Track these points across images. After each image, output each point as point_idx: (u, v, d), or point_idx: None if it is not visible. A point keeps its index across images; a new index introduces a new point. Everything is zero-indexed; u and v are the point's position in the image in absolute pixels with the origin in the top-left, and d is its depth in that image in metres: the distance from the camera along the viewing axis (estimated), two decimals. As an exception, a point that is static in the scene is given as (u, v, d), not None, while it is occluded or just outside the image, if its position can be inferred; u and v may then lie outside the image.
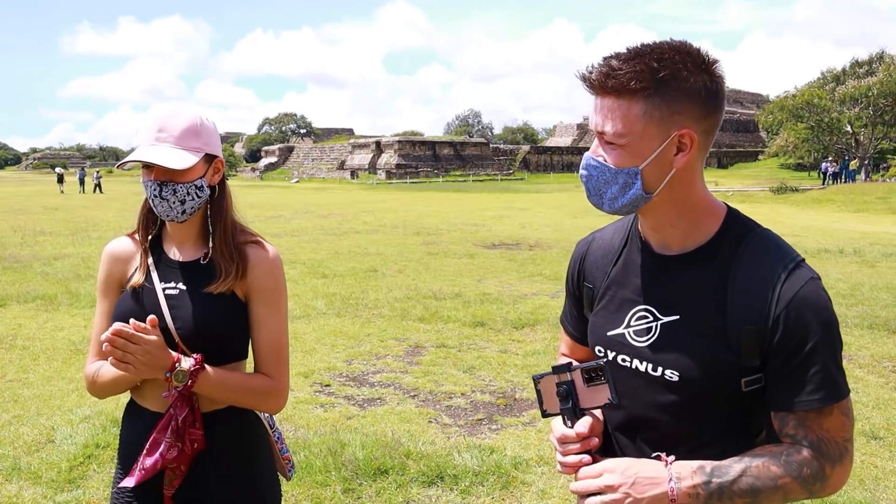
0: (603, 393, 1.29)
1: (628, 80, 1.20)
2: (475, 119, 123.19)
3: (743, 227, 1.33)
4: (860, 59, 49.26)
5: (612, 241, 1.50)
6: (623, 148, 1.26)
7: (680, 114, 1.23)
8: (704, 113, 1.25)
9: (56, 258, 12.39)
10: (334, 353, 6.52)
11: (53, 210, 25.26)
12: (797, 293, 1.23)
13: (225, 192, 1.78)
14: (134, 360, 1.55)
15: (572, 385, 1.31)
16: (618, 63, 1.22)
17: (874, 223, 21.37)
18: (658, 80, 1.20)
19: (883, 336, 7.07)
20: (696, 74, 1.22)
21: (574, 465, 1.31)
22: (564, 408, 1.32)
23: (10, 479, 3.90)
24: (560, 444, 1.33)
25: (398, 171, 62.54)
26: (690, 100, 1.23)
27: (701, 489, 1.23)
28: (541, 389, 1.37)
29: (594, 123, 1.28)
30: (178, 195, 1.66)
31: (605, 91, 1.24)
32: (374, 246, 14.52)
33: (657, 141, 1.25)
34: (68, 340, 6.86)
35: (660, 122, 1.23)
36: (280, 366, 1.74)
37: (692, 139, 1.25)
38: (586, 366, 1.31)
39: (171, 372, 1.59)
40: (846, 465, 1.27)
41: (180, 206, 1.67)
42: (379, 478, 3.88)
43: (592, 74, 1.25)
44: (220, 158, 1.76)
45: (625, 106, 1.23)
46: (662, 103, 1.22)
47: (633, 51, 1.24)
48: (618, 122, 1.24)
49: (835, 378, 1.24)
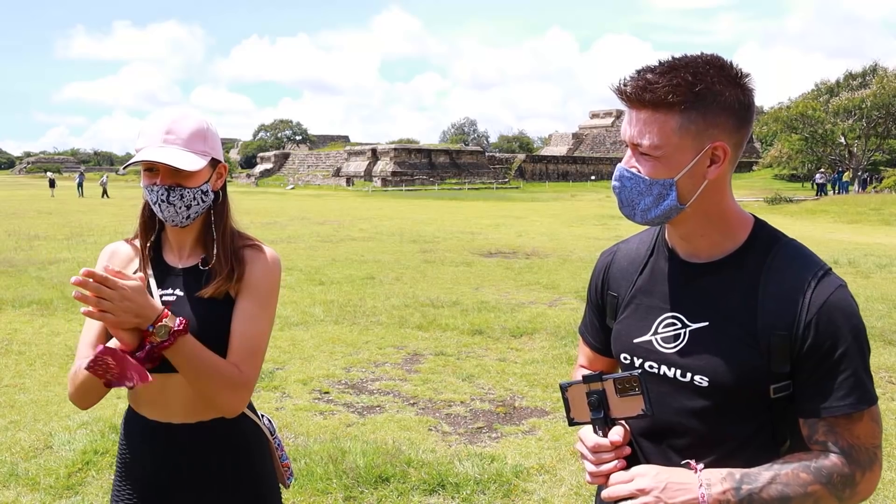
0: (637, 404, 1.29)
1: (665, 93, 1.22)
2: (471, 127, 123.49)
3: (771, 237, 1.35)
4: (854, 72, 49.67)
5: (637, 250, 1.51)
6: (658, 160, 1.27)
7: (715, 127, 1.25)
8: (737, 126, 1.27)
9: (51, 263, 12.34)
10: (333, 361, 6.51)
11: (48, 214, 25.16)
12: (827, 300, 1.26)
13: (226, 197, 1.78)
14: (113, 307, 1.42)
15: (604, 395, 1.31)
16: (653, 76, 1.23)
17: (868, 234, 21.49)
18: (694, 94, 1.22)
19: (879, 347, 7.10)
20: (729, 88, 1.24)
21: (608, 473, 1.31)
22: (596, 417, 1.32)
23: (8, 486, 3.87)
24: (593, 454, 1.33)
25: (394, 179, 62.54)
26: (725, 113, 1.25)
27: (731, 495, 1.24)
28: (568, 398, 1.36)
29: (628, 136, 1.29)
30: (184, 200, 1.64)
31: (641, 104, 1.25)
32: (370, 253, 14.51)
33: (692, 153, 1.26)
34: (65, 345, 6.83)
35: (695, 136, 1.25)
36: (251, 360, 1.65)
37: (725, 152, 1.27)
38: (620, 376, 1.31)
39: (153, 326, 1.48)
40: (876, 471, 1.28)
41: (186, 212, 1.66)
42: (380, 485, 3.87)
43: (628, 87, 1.26)
44: (223, 164, 1.76)
45: (661, 119, 1.24)
46: (698, 117, 1.24)
47: (667, 64, 1.25)
48: (654, 135, 1.25)
49: (865, 384, 1.26)
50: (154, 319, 1.49)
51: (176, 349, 1.52)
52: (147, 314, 1.48)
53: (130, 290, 1.45)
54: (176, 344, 1.51)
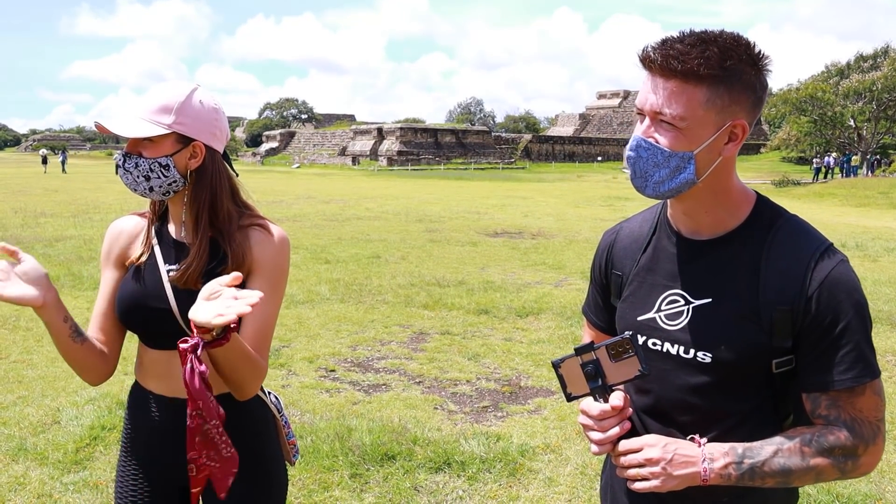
0: (633, 366, 1.30)
1: (697, 65, 1.20)
2: (477, 107, 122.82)
3: (774, 213, 1.35)
4: (864, 54, 49.05)
5: (640, 229, 1.51)
6: (681, 131, 1.25)
7: (737, 104, 1.24)
8: (755, 105, 1.27)
9: (58, 240, 12.37)
10: (339, 339, 6.52)
11: (54, 192, 25.20)
12: (829, 274, 1.26)
13: (206, 181, 1.66)
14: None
15: (598, 363, 1.32)
16: (683, 47, 1.21)
17: (876, 218, 21.37)
18: (724, 69, 1.21)
19: (886, 330, 7.08)
20: (752, 67, 1.24)
21: (614, 439, 1.32)
22: (595, 386, 1.33)
23: (17, 460, 3.90)
24: (598, 421, 1.33)
25: (399, 158, 62.37)
26: (747, 91, 1.24)
27: (732, 469, 1.26)
28: (562, 373, 1.36)
29: (649, 104, 1.26)
30: (140, 169, 1.61)
31: (671, 73, 1.22)
32: (376, 232, 14.50)
33: (713, 128, 1.25)
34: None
35: (719, 111, 1.24)
36: (265, 345, 1.65)
37: (744, 130, 1.27)
38: (611, 342, 1.32)
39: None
40: (879, 445, 1.29)
41: (146, 183, 1.62)
42: (386, 463, 3.88)
43: (656, 55, 1.23)
44: (198, 143, 1.64)
45: (690, 90, 1.22)
46: (725, 92, 1.23)
47: (695, 36, 1.23)
48: (681, 106, 1.23)
49: (867, 357, 1.26)
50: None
51: (229, 347, 1.44)
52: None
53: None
54: (230, 340, 1.43)
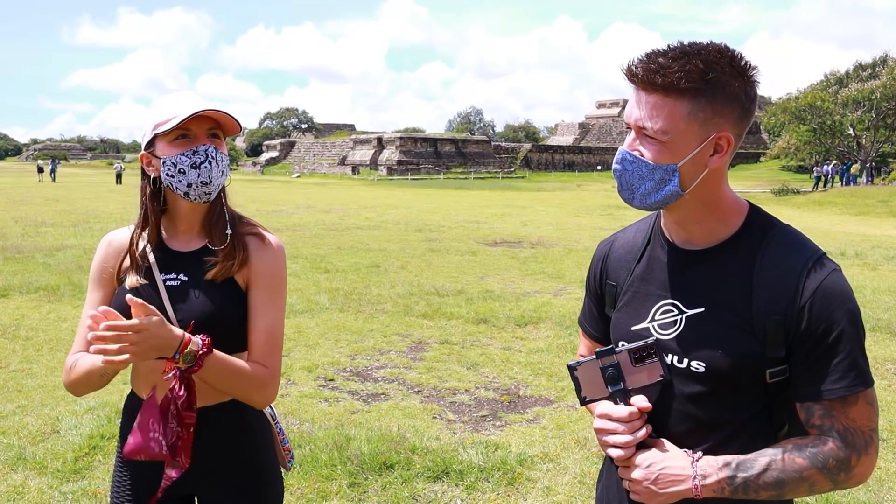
0: (654, 371, 1.32)
1: (678, 79, 1.21)
2: (477, 116, 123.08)
3: (766, 222, 1.36)
4: (863, 62, 49.15)
5: (634, 239, 1.52)
6: (664, 145, 1.27)
7: (721, 116, 1.26)
8: (741, 117, 1.28)
9: (58, 249, 12.38)
10: (338, 348, 6.53)
11: (55, 201, 25.23)
12: (821, 284, 1.27)
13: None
14: (135, 348, 1.43)
15: (619, 367, 1.34)
16: (665, 60, 1.23)
17: (875, 226, 21.40)
18: (706, 82, 1.22)
19: (885, 339, 7.08)
20: (737, 79, 1.25)
21: (642, 439, 1.34)
22: (616, 390, 1.34)
23: (16, 469, 3.90)
24: (626, 423, 1.33)
25: (399, 168, 62.47)
26: (732, 104, 1.25)
27: (726, 484, 1.27)
28: (578, 377, 1.38)
29: (633, 118, 1.29)
30: (220, 166, 1.66)
31: (652, 87, 1.24)
32: (376, 242, 14.52)
33: (697, 141, 1.27)
34: (71, 331, 6.86)
35: (702, 123, 1.25)
36: (274, 356, 1.69)
37: (729, 142, 1.28)
38: (635, 346, 1.34)
39: (179, 353, 1.50)
40: (871, 455, 1.29)
41: (219, 178, 1.66)
42: (384, 472, 3.89)
43: (639, 69, 1.25)
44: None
45: (671, 104, 1.24)
46: (707, 105, 1.24)
47: (678, 49, 1.25)
48: (662, 120, 1.25)
49: (860, 366, 1.27)
50: (178, 347, 1.50)
51: (205, 370, 1.54)
52: (171, 345, 1.49)
53: (152, 326, 1.45)
54: (204, 365, 1.53)
